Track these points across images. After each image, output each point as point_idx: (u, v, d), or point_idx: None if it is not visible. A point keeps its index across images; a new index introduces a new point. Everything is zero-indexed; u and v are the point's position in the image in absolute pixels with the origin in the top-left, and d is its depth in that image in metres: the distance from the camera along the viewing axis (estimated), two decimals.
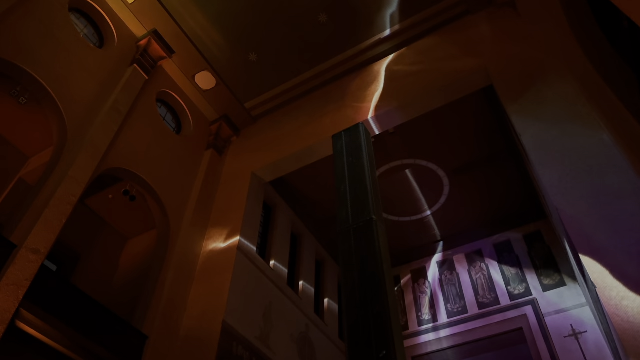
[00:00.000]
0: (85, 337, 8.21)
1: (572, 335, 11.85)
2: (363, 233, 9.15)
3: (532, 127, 8.83)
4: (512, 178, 14.24)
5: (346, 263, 8.86)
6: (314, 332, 13.11)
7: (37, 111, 10.37)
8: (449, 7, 12.31)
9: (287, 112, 14.40)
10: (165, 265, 10.67)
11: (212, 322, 9.75)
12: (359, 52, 13.39)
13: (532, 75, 9.73)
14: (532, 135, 8.72)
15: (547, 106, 8.95)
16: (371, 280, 8.18)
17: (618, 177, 7.28)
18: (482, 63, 10.81)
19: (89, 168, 9.39)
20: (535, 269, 13.78)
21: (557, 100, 8.91)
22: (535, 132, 8.72)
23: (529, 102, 9.30)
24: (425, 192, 15.14)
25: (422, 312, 15.13)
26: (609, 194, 7.18)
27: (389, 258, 8.90)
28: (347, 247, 9.12)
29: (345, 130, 11.96)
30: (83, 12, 11.77)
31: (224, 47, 13.45)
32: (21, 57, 9.20)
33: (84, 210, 12.21)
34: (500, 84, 10.13)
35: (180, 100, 13.82)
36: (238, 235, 11.48)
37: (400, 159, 14.40)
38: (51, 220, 8.18)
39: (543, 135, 8.57)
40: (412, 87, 11.74)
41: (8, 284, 7.13)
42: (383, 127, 12.32)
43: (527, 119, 9.02)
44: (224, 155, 14.49)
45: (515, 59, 10.32)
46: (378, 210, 9.78)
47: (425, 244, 16.50)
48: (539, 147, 8.46)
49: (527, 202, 14.70)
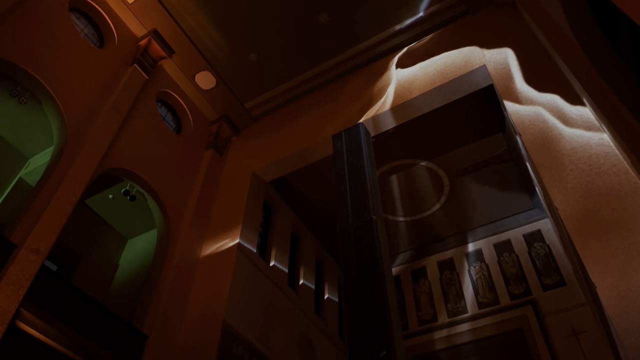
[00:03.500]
0: (85, 337, 8.21)
1: (572, 335, 11.85)
2: (363, 233, 9.16)
3: (532, 127, 8.83)
4: (512, 178, 14.24)
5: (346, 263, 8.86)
6: (314, 332, 13.11)
7: (37, 111, 10.37)
8: (449, 7, 12.32)
9: (287, 112, 14.40)
10: (165, 265, 10.66)
11: (212, 322, 9.75)
12: (358, 52, 13.39)
13: (532, 75, 9.73)
14: (532, 135, 8.72)
15: (547, 106, 8.96)
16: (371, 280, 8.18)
17: (618, 177, 7.28)
18: (482, 63, 10.81)
19: (89, 168, 9.39)
20: (535, 269, 13.78)
21: (557, 100, 8.91)
22: (535, 132, 8.73)
23: (529, 101, 9.30)
24: (425, 192, 15.15)
25: (422, 312, 15.13)
26: (609, 193, 7.18)
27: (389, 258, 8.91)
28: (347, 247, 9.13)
29: (345, 130, 11.98)
30: (83, 12, 11.78)
31: (224, 47, 13.45)
32: (21, 57, 9.19)
33: (84, 210, 12.22)
34: (500, 83, 10.13)
35: (180, 100, 13.82)
36: (238, 235, 11.48)
37: (400, 159, 14.41)
38: (51, 220, 8.18)
39: (543, 135, 8.58)
40: (412, 87, 11.73)
41: (8, 284, 7.13)
42: (383, 127, 12.32)
43: (528, 118, 9.03)
44: (224, 155, 14.49)
45: (515, 58, 10.32)
46: (378, 210, 9.79)
47: (425, 244, 16.51)
48: (539, 147, 8.46)
49: (527, 202, 14.71)
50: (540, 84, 9.46)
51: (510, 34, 10.94)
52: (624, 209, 6.89)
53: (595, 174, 7.51)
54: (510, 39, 10.81)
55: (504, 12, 11.54)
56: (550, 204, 8.50)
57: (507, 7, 11.52)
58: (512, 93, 9.74)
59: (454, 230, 15.97)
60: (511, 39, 10.80)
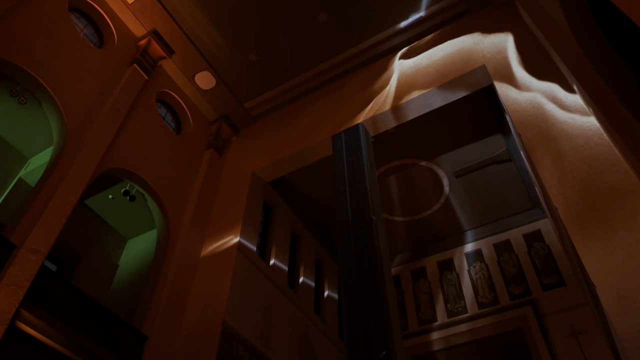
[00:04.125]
0: (85, 337, 8.21)
1: (572, 335, 11.85)
2: (363, 233, 9.16)
3: (532, 127, 8.84)
4: (512, 178, 14.24)
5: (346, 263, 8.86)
6: (314, 332, 13.11)
7: (37, 111, 10.37)
8: (449, 7, 12.32)
9: (287, 112, 14.40)
10: (165, 265, 10.66)
11: (212, 322, 9.75)
12: (358, 52, 13.38)
13: (532, 75, 9.73)
14: (532, 135, 8.72)
15: (547, 106, 8.96)
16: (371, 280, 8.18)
17: (618, 176, 7.28)
18: (482, 63, 10.81)
19: (89, 168, 9.39)
20: (535, 269, 13.78)
21: (557, 100, 8.92)
22: (535, 132, 8.73)
23: (529, 101, 9.30)
24: (425, 192, 15.15)
25: (422, 312, 15.13)
26: (608, 193, 7.19)
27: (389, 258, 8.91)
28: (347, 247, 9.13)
29: (345, 130, 11.98)
30: (83, 12, 11.78)
31: (224, 47, 13.45)
32: (21, 57, 9.19)
33: (84, 210, 12.22)
34: (500, 83, 10.13)
35: (180, 100, 13.81)
36: (238, 235, 11.49)
37: (400, 159, 14.41)
38: (51, 220, 8.18)
39: (543, 135, 8.58)
40: (412, 87, 11.74)
41: (8, 284, 7.13)
42: (383, 127, 12.32)
43: (527, 119, 9.03)
44: (224, 155, 14.49)
45: (515, 58, 10.32)
46: (378, 210, 9.79)
47: (425, 243, 16.51)
48: (539, 147, 8.46)
49: (527, 202, 14.70)
50: (540, 83, 9.47)
51: (510, 33, 10.95)
52: (624, 209, 6.89)
53: (595, 174, 7.52)
54: (510, 38, 10.81)
55: (504, 12, 11.54)
56: (550, 203, 8.50)
57: (507, 6, 11.52)
58: (512, 93, 9.74)
59: (454, 230, 15.97)
60: (511, 38, 10.80)
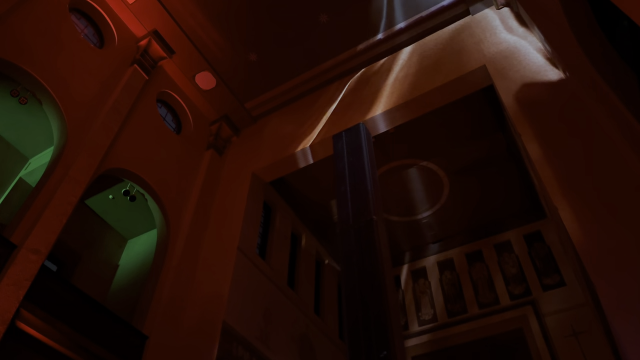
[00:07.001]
0: (85, 337, 8.21)
1: (572, 335, 11.84)
2: (363, 233, 9.16)
3: (532, 127, 8.84)
4: (512, 178, 14.24)
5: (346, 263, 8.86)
6: (314, 332, 13.11)
7: (37, 111, 10.38)
8: (449, 7, 12.32)
9: (287, 112, 14.40)
10: (165, 265, 10.67)
11: (212, 322, 9.75)
12: (358, 52, 13.39)
13: (532, 75, 9.73)
14: (532, 135, 8.72)
15: (547, 106, 8.96)
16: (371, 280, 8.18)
17: (617, 176, 7.28)
18: (482, 63, 10.82)
19: (89, 168, 9.39)
20: (535, 269, 13.77)
21: (557, 100, 8.92)
22: (535, 132, 8.73)
23: (529, 101, 9.30)
24: (425, 192, 15.14)
25: (422, 312, 15.13)
26: (609, 193, 7.19)
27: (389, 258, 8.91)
28: (347, 247, 9.13)
29: (345, 130, 11.97)
30: (83, 12, 11.78)
31: (224, 47, 13.45)
32: (21, 57, 9.20)
33: (84, 210, 12.22)
34: (500, 83, 10.13)
35: (180, 100, 13.82)
36: (238, 236, 11.48)
37: (400, 159, 14.40)
38: (51, 220, 8.18)
39: (543, 135, 8.58)
40: (412, 86, 11.74)
41: (8, 284, 7.13)
42: (383, 127, 12.32)
43: (527, 119, 9.03)
44: (224, 155, 14.50)
45: (515, 58, 10.33)
46: (378, 210, 9.78)
47: (425, 244, 16.50)
48: (539, 147, 8.46)
49: (527, 202, 14.70)
50: (540, 83, 9.46)
51: (509, 34, 10.95)
52: (625, 208, 6.89)
53: (595, 174, 7.52)
54: (511, 38, 10.81)
55: (504, 12, 11.55)
56: (550, 203, 8.50)
57: (507, 7, 11.53)
58: (512, 93, 9.74)
59: (454, 230, 15.96)
60: (511, 38, 10.80)
